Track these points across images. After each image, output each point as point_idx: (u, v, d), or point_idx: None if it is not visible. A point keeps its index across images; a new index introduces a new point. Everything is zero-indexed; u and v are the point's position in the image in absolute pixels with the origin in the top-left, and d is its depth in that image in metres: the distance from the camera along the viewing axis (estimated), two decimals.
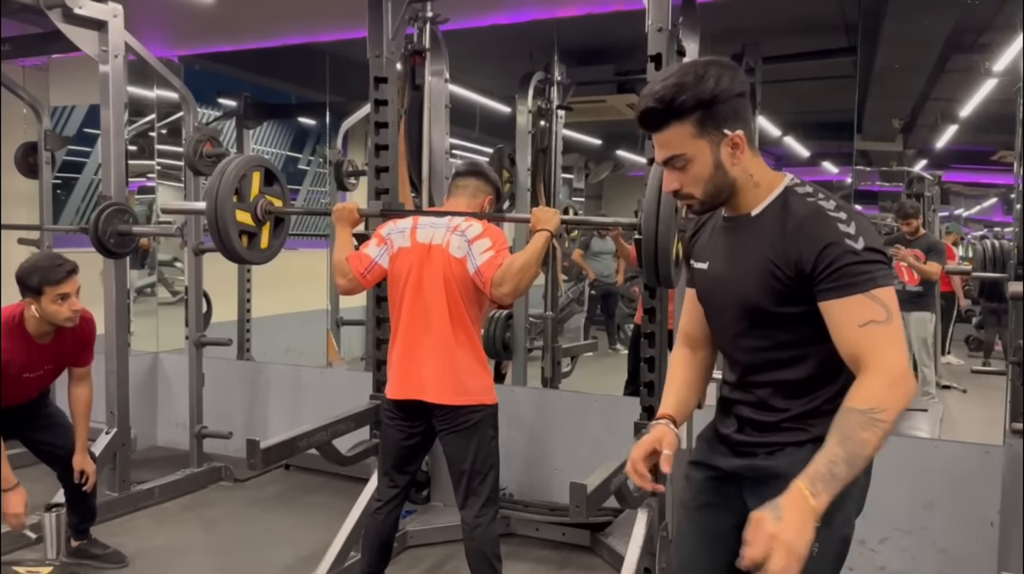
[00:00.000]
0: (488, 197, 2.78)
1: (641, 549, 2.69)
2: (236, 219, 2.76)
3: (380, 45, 3.20)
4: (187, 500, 4.11)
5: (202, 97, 5.05)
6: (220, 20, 4.88)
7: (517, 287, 2.47)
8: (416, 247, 2.61)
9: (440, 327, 2.55)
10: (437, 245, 2.59)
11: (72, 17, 3.56)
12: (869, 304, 1.37)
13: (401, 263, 2.63)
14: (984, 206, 10.13)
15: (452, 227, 2.61)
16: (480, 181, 2.76)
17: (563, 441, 3.85)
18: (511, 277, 2.45)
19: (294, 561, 3.34)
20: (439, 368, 2.55)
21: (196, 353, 4.36)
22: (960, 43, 5.12)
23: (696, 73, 1.43)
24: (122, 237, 3.64)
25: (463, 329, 2.57)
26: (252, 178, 2.81)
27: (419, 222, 2.68)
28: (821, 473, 1.28)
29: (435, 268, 2.57)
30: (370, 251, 2.69)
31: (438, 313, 2.56)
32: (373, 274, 2.68)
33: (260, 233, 2.88)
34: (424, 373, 2.57)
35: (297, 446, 2.91)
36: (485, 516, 2.60)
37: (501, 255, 2.51)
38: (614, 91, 6.06)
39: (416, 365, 2.59)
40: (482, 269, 2.50)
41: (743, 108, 1.48)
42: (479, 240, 2.55)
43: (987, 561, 3.00)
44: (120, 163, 3.79)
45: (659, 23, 2.66)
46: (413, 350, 2.60)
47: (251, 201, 2.82)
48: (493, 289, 2.48)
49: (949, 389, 6.10)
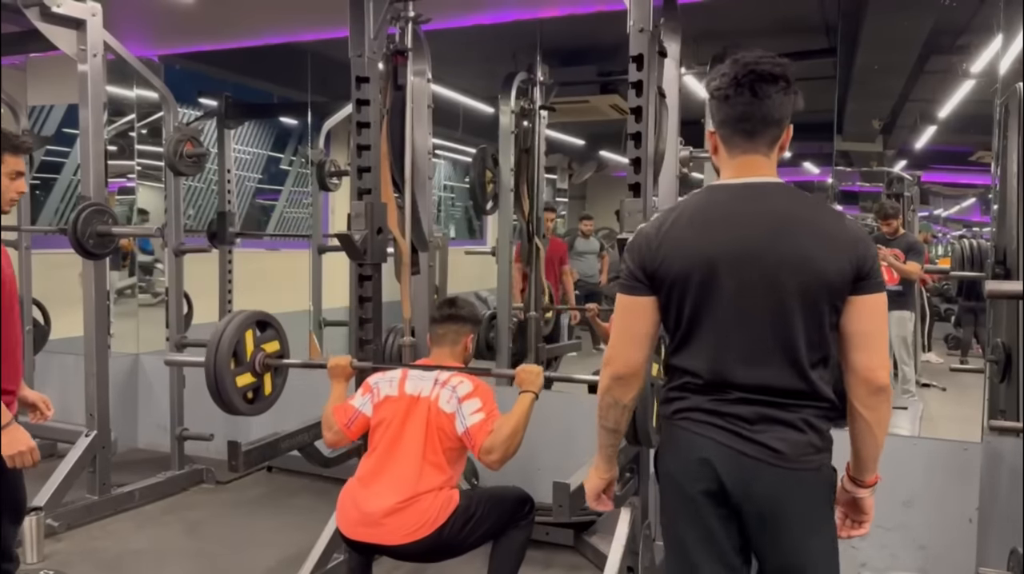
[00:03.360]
0: (469, 336, 2.80)
1: (624, 548, 2.69)
2: (237, 385, 2.81)
3: (362, 45, 3.20)
4: (168, 503, 4.08)
5: (183, 97, 5.02)
6: (201, 19, 4.85)
7: (506, 454, 2.47)
8: (403, 397, 2.60)
9: (409, 474, 2.49)
10: (425, 397, 2.58)
11: (50, 16, 3.53)
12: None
13: (385, 411, 2.60)
14: (963, 206, 10.25)
15: (442, 381, 2.60)
16: (457, 324, 2.77)
17: (547, 441, 3.84)
18: (500, 444, 2.45)
19: (277, 563, 3.32)
20: (399, 512, 2.45)
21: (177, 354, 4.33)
22: (939, 45, 5.18)
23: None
24: (101, 238, 3.61)
25: (435, 471, 2.50)
26: (246, 338, 2.84)
27: (409, 373, 2.67)
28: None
29: (419, 420, 2.54)
30: (354, 402, 2.69)
31: (412, 458, 2.51)
32: (357, 424, 2.66)
33: (263, 384, 2.94)
34: (384, 520, 2.46)
35: (279, 448, 2.91)
36: (515, 526, 2.61)
37: (491, 419, 2.50)
38: (597, 92, 6.08)
39: (375, 508, 2.48)
40: (472, 432, 2.49)
41: (713, 108, 1.65)
42: (469, 400, 2.54)
43: (966, 557, 3.04)
44: (99, 163, 3.75)
45: (640, 24, 2.67)
46: (375, 492, 2.51)
47: (248, 361, 2.85)
48: (483, 455, 2.47)
49: (928, 387, 6.16)
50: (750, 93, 1.57)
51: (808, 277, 1.55)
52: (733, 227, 1.59)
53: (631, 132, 2.69)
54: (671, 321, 1.66)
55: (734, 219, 1.60)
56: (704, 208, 1.65)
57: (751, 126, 1.61)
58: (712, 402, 1.62)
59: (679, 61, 3.22)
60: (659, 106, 2.89)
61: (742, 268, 1.57)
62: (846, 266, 1.54)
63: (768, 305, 1.56)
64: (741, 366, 1.59)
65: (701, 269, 1.58)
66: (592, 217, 8.08)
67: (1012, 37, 3.18)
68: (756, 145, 1.62)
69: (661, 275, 1.62)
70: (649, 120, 2.72)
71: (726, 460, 1.59)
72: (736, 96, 1.58)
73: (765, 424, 1.57)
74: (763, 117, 1.59)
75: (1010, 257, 3.11)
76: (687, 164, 3.32)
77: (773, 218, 1.58)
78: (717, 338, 1.60)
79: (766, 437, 1.57)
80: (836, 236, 1.57)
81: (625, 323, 1.68)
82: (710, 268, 1.58)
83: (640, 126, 2.69)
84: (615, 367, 1.68)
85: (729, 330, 1.59)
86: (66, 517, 3.62)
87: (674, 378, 1.70)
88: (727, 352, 1.60)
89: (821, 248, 1.55)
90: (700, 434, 1.63)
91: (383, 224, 3.24)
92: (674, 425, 1.68)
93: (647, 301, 1.65)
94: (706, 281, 1.58)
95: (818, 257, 1.55)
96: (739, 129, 1.62)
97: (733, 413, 1.59)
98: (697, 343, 1.63)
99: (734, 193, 1.64)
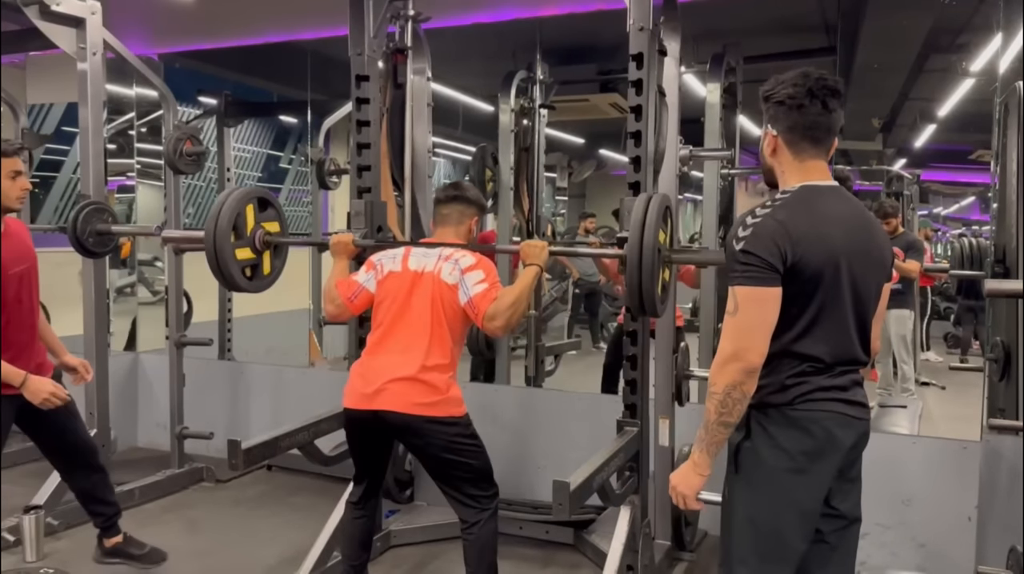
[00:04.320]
0: (473, 218, 2.82)
1: (624, 546, 2.71)
2: (237, 257, 2.79)
3: (362, 43, 3.20)
4: (168, 501, 4.08)
5: (182, 95, 5.02)
6: (201, 17, 4.85)
7: (509, 321, 2.51)
8: (407, 273, 2.64)
9: (417, 346, 2.55)
10: (428, 272, 2.61)
11: (50, 14, 3.53)
12: (730, 296, 1.73)
13: (389, 286, 2.65)
14: (962, 204, 10.24)
15: (444, 256, 2.64)
16: (462, 205, 2.79)
17: (547, 439, 3.86)
18: (503, 311, 2.49)
19: (277, 562, 3.33)
20: (405, 380, 2.52)
21: (177, 353, 4.34)
22: (938, 43, 5.17)
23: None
24: (101, 236, 3.61)
25: (440, 349, 2.56)
26: (247, 212, 2.82)
27: (412, 250, 2.71)
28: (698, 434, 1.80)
29: (424, 292, 2.59)
30: (358, 277, 2.73)
31: (419, 333, 2.56)
32: (360, 299, 2.70)
33: (262, 262, 2.91)
34: (388, 384, 2.52)
35: (279, 446, 2.91)
36: (483, 512, 2.61)
37: (494, 289, 2.55)
38: (597, 90, 6.08)
39: (380, 375, 2.54)
40: (475, 301, 2.53)
41: (779, 114, 1.81)
42: (472, 271, 2.58)
43: (965, 555, 3.04)
44: (99, 162, 3.76)
45: (640, 23, 2.67)
46: (381, 361, 2.58)
47: (248, 235, 2.83)
48: (486, 322, 2.51)
49: (928, 386, 6.16)
50: (822, 105, 1.77)
51: (882, 270, 1.88)
52: (841, 225, 1.78)
53: (631, 131, 2.70)
54: (795, 310, 1.75)
55: (840, 218, 1.79)
56: (814, 205, 1.78)
57: (820, 134, 1.80)
58: (826, 379, 1.78)
59: (679, 60, 3.23)
60: (659, 105, 2.90)
61: (854, 263, 1.77)
62: (891, 259, 1.94)
63: (865, 294, 1.81)
64: (852, 347, 1.81)
65: (832, 263, 1.74)
66: (594, 215, 8.08)
67: (1012, 36, 3.18)
68: (820, 151, 1.82)
69: (800, 267, 1.71)
70: (649, 119, 2.73)
71: (842, 425, 1.78)
72: (810, 106, 1.76)
73: (855, 388, 1.84)
74: (829, 127, 1.80)
75: (1009, 255, 3.11)
76: (687, 163, 3.32)
77: (860, 218, 1.84)
78: (838, 325, 1.77)
79: (859, 397, 1.84)
80: (884, 235, 1.91)
81: (761, 314, 1.71)
82: (836, 262, 1.75)
83: (640, 125, 2.69)
84: (751, 359, 1.71)
85: (847, 317, 1.78)
86: (66, 516, 3.61)
87: (792, 365, 1.77)
88: (847, 336, 1.79)
89: (886, 247, 1.91)
90: (824, 411, 1.77)
91: (383, 222, 3.25)
92: (794, 410, 1.77)
93: (779, 291, 1.72)
94: (834, 274, 1.75)
95: (886, 253, 1.91)
96: (808, 136, 1.79)
97: (836, 385, 1.79)
98: (821, 330, 1.76)
99: (827, 194, 1.81)
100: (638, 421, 2.80)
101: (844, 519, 1.87)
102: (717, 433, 1.76)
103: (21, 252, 2.84)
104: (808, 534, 1.81)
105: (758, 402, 1.78)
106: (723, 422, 1.74)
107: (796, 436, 1.76)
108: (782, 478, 1.77)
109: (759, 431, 1.79)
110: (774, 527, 1.78)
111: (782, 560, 1.79)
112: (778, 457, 1.77)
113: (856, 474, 1.90)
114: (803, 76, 1.77)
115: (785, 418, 1.77)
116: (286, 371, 4.80)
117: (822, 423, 1.76)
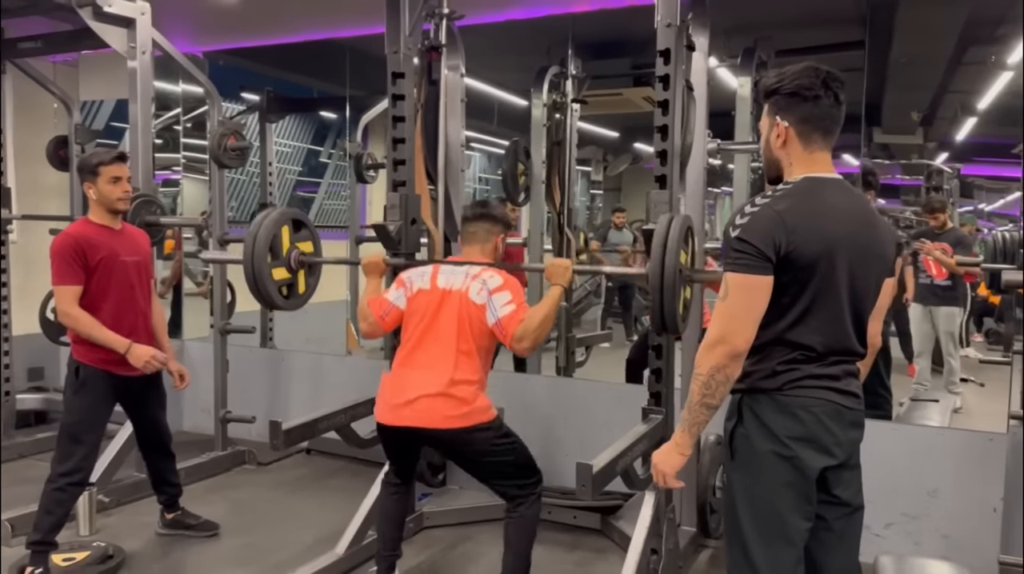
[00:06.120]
0: (499, 236, 2.88)
1: (648, 530, 2.76)
2: (273, 278, 2.90)
3: (397, 41, 3.28)
4: (212, 482, 4.23)
5: (226, 92, 5.15)
6: (243, 16, 4.98)
7: (536, 341, 2.60)
8: (435, 291, 2.72)
9: (444, 362, 2.62)
10: (456, 290, 2.69)
11: (102, 15, 3.69)
12: (722, 282, 1.78)
13: (418, 303, 2.73)
14: (1007, 200, 10.01)
15: (472, 275, 2.72)
16: (488, 223, 2.86)
17: (576, 427, 3.93)
18: (531, 333, 2.58)
19: (314, 541, 3.44)
20: (435, 396, 2.59)
21: (221, 341, 4.48)
22: (976, 35, 5.11)
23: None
24: (150, 227, 3.75)
25: (468, 364, 2.64)
26: (282, 234, 2.94)
27: (440, 268, 2.79)
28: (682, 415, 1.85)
29: (451, 310, 2.66)
30: (389, 295, 2.83)
31: (446, 350, 2.63)
32: (391, 317, 2.79)
33: (297, 281, 3.03)
34: (417, 400, 2.60)
35: (317, 428, 3.01)
36: (528, 497, 2.71)
37: (522, 310, 2.62)
38: (630, 84, 6.09)
39: (409, 389, 2.62)
40: (504, 322, 2.60)
41: (791, 104, 1.81)
42: (500, 292, 2.65)
43: (989, 546, 3.04)
44: (147, 156, 3.91)
45: (668, 19, 2.71)
46: (410, 376, 2.66)
47: (284, 256, 2.94)
48: (514, 343, 2.60)
49: (967, 382, 6.08)
50: (834, 98, 1.80)
51: (882, 265, 1.87)
52: (840, 217, 1.79)
53: (658, 125, 2.74)
54: (787, 299, 1.78)
55: (840, 211, 1.80)
56: (816, 197, 1.80)
57: (829, 125, 1.83)
58: (817, 368, 1.81)
59: (708, 53, 3.26)
60: (686, 99, 2.93)
61: (851, 255, 1.78)
62: (892, 254, 1.93)
63: (863, 286, 1.82)
64: (847, 338, 1.82)
65: (827, 254, 1.76)
66: (624, 209, 8.10)
67: None
68: (828, 143, 1.84)
69: (794, 257, 1.74)
70: (676, 113, 2.77)
71: (833, 415, 1.81)
72: (824, 97, 1.79)
73: (849, 378, 1.86)
74: (837, 119, 1.83)
75: None
76: (715, 155, 3.36)
77: (861, 211, 1.84)
78: (832, 315, 1.79)
79: (852, 387, 1.86)
80: (887, 229, 1.91)
81: (749, 302, 1.75)
82: (832, 253, 1.76)
83: (667, 119, 2.73)
84: (736, 345, 1.75)
85: (842, 308, 1.80)
86: (116, 493, 3.79)
87: (784, 353, 1.80)
88: (841, 327, 1.81)
89: (889, 241, 1.90)
90: (814, 398, 1.79)
91: (417, 215, 3.33)
92: (784, 396, 1.80)
93: (770, 280, 1.75)
94: (829, 265, 1.76)
95: (888, 248, 1.89)
96: (819, 127, 1.82)
97: (828, 374, 1.81)
98: (814, 320, 1.78)
99: (830, 186, 1.82)
100: (663, 409, 2.84)
101: (847, 507, 1.89)
102: (699, 414, 1.82)
103: (135, 246, 3.21)
104: (809, 513, 1.82)
105: (749, 387, 1.83)
106: (705, 403, 1.80)
107: (784, 421, 1.79)
108: (773, 462, 1.79)
109: (750, 417, 1.83)
110: (773, 509, 1.80)
111: (785, 540, 1.80)
112: (768, 441, 1.80)
113: (855, 462, 1.91)
114: (813, 69, 1.79)
115: (775, 403, 1.80)
116: (325, 359, 4.92)
117: (811, 410, 1.79)
